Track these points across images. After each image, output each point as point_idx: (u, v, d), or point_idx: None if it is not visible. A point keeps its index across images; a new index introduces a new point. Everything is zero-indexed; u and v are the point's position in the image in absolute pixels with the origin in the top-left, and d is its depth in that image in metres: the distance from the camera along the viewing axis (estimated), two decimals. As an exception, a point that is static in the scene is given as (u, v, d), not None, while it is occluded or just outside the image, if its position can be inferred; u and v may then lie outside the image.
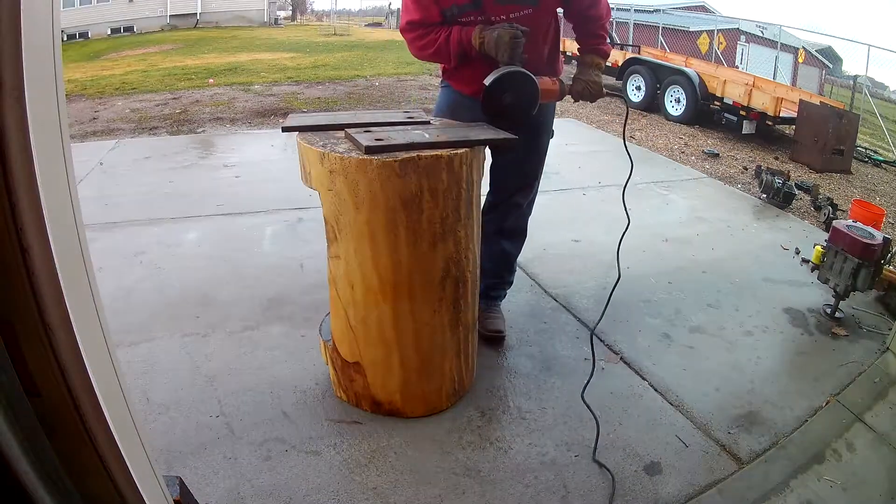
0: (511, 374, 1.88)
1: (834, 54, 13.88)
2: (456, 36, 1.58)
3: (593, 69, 1.73)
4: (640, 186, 3.88)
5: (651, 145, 5.26)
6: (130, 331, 2.00)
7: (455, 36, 1.58)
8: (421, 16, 1.60)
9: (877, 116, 7.57)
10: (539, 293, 2.40)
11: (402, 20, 1.66)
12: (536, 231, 2.93)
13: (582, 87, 1.72)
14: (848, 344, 2.20)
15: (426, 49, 1.64)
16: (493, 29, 1.53)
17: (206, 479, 1.42)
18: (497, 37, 1.50)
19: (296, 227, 2.95)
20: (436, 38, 1.61)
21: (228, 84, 7.26)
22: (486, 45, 1.54)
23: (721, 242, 3.05)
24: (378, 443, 1.56)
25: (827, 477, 1.56)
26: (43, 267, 0.48)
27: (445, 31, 1.59)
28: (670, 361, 2.00)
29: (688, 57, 8.33)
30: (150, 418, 1.60)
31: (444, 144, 1.40)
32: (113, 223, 2.89)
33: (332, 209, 1.43)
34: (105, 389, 0.55)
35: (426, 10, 1.59)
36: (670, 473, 1.52)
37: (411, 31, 1.64)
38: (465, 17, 1.58)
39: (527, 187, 1.94)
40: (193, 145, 4.50)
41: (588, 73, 1.72)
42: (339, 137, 1.48)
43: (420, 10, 1.60)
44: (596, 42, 1.74)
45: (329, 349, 1.67)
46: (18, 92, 0.44)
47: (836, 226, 2.36)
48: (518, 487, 1.44)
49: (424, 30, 1.62)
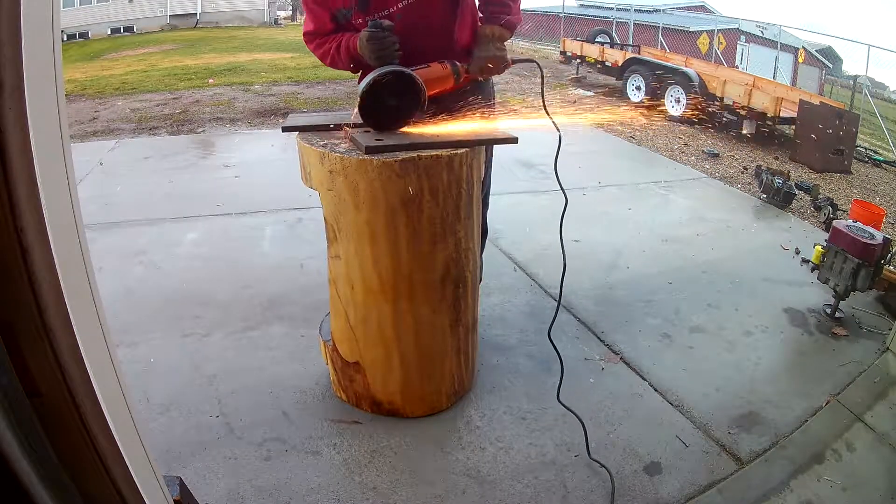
0: (511, 374, 1.88)
1: (834, 54, 13.89)
2: (345, 44, 1.54)
3: (493, 41, 1.58)
4: (641, 186, 3.88)
5: (651, 145, 5.26)
6: (130, 331, 2.00)
7: (344, 45, 1.55)
8: (314, 26, 1.59)
9: (877, 116, 7.57)
10: (539, 293, 2.40)
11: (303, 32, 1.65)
12: (536, 231, 2.94)
13: (480, 64, 1.58)
14: (848, 344, 2.20)
15: (325, 59, 1.62)
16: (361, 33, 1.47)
17: (206, 479, 1.42)
18: (359, 39, 1.46)
19: (296, 227, 2.95)
20: (329, 47, 1.58)
21: (228, 84, 7.26)
22: (360, 52, 1.48)
23: (721, 242, 3.05)
24: (378, 443, 1.56)
25: (827, 477, 1.56)
26: (43, 267, 0.48)
27: (337, 39, 1.57)
28: (670, 361, 2.00)
29: (688, 57, 8.33)
30: (150, 418, 1.60)
31: (444, 144, 1.40)
32: (113, 223, 2.89)
33: (332, 209, 1.43)
34: (105, 389, 0.55)
35: (318, 19, 1.57)
36: (670, 473, 1.52)
37: (309, 41, 1.63)
38: (355, 19, 1.54)
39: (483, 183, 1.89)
40: (193, 145, 4.50)
41: (486, 48, 1.58)
42: (339, 137, 1.48)
43: (312, 20, 1.58)
44: (497, 11, 1.59)
45: (329, 349, 1.67)
46: (18, 92, 0.44)
47: (836, 226, 2.36)
48: (518, 487, 1.44)
49: (320, 39, 1.60)
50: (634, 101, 7.17)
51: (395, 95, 1.42)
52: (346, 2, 1.52)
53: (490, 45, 1.58)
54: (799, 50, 12.48)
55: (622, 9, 12.83)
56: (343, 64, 1.59)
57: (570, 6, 15.80)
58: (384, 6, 1.51)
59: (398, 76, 1.40)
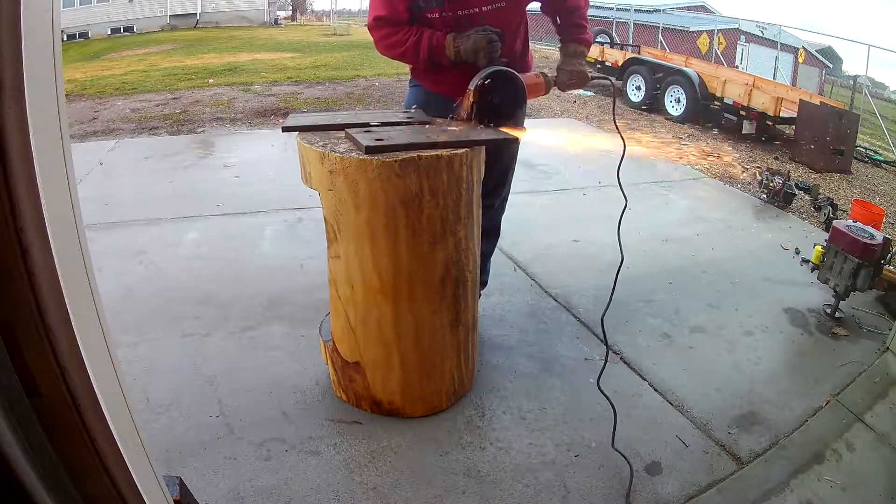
0: (511, 374, 1.88)
1: (834, 54, 13.88)
2: (426, 42, 1.56)
3: (577, 58, 1.74)
4: (641, 186, 3.88)
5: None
6: (130, 331, 2.00)
7: (426, 42, 1.56)
8: (387, 11, 1.58)
9: (877, 116, 7.56)
10: (539, 293, 2.40)
11: (370, 16, 1.64)
12: (536, 231, 2.94)
13: (567, 76, 1.73)
14: (848, 344, 2.20)
15: (394, 49, 1.62)
16: (466, 37, 1.52)
17: (206, 479, 1.42)
18: (474, 42, 1.50)
19: (296, 227, 2.95)
20: (404, 39, 1.58)
21: (228, 84, 7.25)
22: (463, 54, 1.53)
23: (721, 242, 3.05)
24: (378, 443, 1.56)
25: (827, 477, 1.56)
26: (43, 267, 0.48)
27: (415, 33, 1.57)
28: (670, 361, 2.00)
29: (688, 57, 8.33)
30: (150, 418, 1.60)
31: (444, 144, 1.40)
32: (113, 223, 2.89)
33: (332, 209, 1.43)
34: (105, 389, 0.55)
35: (392, 7, 1.57)
36: (670, 473, 1.52)
37: (379, 28, 1.62)
38: (432, 12, 1.56)
39: (500, 186, 1.94)
40: (193, 145, 4.50)
41: (572, 63, 1.73)
42: (339, 137, 1.48)
43: (385, 6, 1.58)
44: (577, 32, 1.74)
45: (329, 349, 1.67)
46: (18, 92, 0.44)
47: (836, 226, 2.36)
48: (518, 487, 1.44)
49: (392, 28, 1.60)
50: (635, 101, 7.18)
51: (499, 94, 1.51)
52: None
53: (574, 61, 1.73)
54: (799, 50, 12.48)
55: (622, 9, 12.82)
56: (417, 57, 1.60)
57: (571, 6, 15.76)
58: (465, 6, 1.54)
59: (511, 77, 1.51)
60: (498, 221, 2.04)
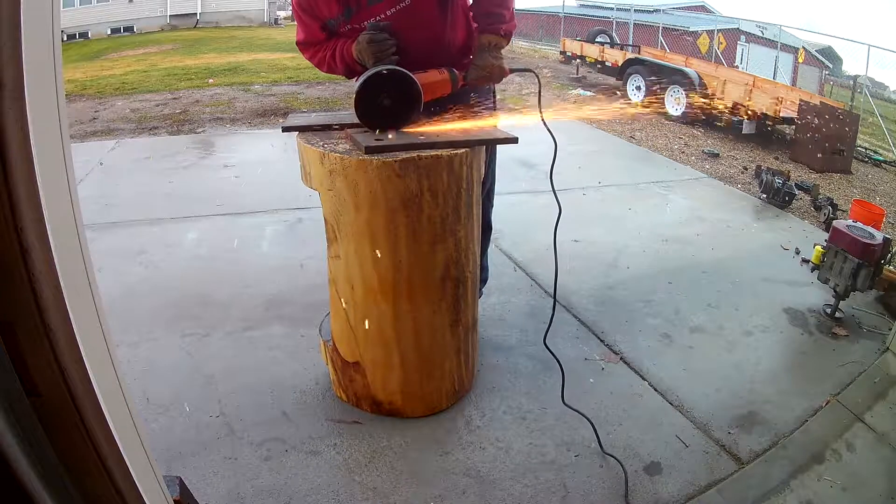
0: (511, 374, 1.88)
1: (834, 54, 13.88)
2: (339, 54, 1.56)
3: (490, 50, 1.60)
4: (641, 186, 3.88)
5: (651, 145, 5.26)
6: (130, 331, 2.00)
7: (338, 54, 1.56)
8: (304, 35, 1.60)
9: (877, 116, 7.56)
10: (539, 293, 2.40)
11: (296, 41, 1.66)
12: (536, 231, 2.94)
13: (478, 73, 1.60)
14: (848, 344, 2.20)
15: (321, 66, 1.63)
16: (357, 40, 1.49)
17: (206, 479, 1.42)
18: (357, 43, 1.48)
19: (296, 227, 2.95)
20: (324, 55, 1.60)
21: (228, 84, 7.26)
22: (357, 56, 1.50)
23: (721, 242, 3.05)
24: (378, 443, 1.56)
25: (827, 477, 1.56)
26: (43, 267, 0.48)
27: (331, 47, 1.58)
28: (670, 361, 2.00)
29: (688, 57, 8.33)
30: (150, 418, 1.60)
31: (444, 144, 1.39)
32: (113, 223, 2.89)
33: (332, 209, 1.43)
34: (105, 389, 0.55)
35: (308, 29, 1.59)
36: (670, 473, 1.52)
37: (304, 50, 1.65)
38: (342, 26, 1.55)
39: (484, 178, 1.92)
40: (193, 145, 4.50)
41: (484, 57, 1.59)
42: (339, 137, 1.48)
43: (303, 30, 1.60)
44: (491, 21, 1.59)
45: (329, 349, 1.67)
46: (18, 92, 0.44)
47: (836, 226, 2.36)
48: (518, 487, 1.44)
49: (313, 48, 1.62)
50: (635, 101, 7.18)
51: (391, 96, 1.42)
52: (333, 11, 1.52)
53: (487, 55, 1.60)
54: (799, 50, 12.47)
55: (622, 9, 12.83)
56: (339, 70, 1.60)
57: (570, 6, 15.81)
58: (370, 15, 1.52)
59: (393, 74, 1.40)
60: (488, 217, 2.01)
